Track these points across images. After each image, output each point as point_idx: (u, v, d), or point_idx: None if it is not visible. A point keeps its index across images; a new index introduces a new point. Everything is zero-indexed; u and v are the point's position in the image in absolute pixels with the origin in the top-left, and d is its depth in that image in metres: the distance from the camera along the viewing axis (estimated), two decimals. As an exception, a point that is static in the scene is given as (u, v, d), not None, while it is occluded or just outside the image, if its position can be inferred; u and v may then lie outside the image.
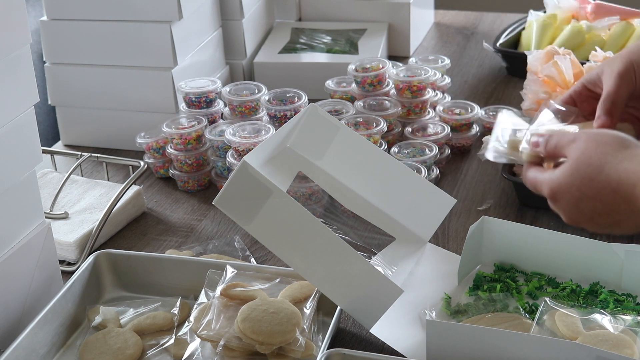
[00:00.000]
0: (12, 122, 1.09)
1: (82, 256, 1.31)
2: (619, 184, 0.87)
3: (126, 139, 1.60)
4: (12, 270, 1.12)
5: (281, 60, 1.82)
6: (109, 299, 1.21)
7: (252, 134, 1.42)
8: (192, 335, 1.10)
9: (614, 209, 0.88)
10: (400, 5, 1.96)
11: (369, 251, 1.26)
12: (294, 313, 1.08)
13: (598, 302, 1.13)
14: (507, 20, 2.11)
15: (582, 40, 1.80)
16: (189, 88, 1.55)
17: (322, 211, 1.37)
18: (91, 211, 1.38)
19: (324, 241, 1.05)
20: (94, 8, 1.55)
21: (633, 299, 1.13)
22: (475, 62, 1.95)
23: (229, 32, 1.78)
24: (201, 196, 1.49)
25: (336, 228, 1.32)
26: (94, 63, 1.59)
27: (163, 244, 1.36)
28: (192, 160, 1.48)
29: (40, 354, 1.08)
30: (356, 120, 1.46)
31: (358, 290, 1.06)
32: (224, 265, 1.16)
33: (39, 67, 1.53)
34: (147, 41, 1.55)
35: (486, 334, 1.01)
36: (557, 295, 1.14)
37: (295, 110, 1.49)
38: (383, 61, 1.59)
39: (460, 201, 1.36)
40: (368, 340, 1.13)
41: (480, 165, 1.52)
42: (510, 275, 1.19)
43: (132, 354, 1.09)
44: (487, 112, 1.59)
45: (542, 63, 1.52)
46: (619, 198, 0.87)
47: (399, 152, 1.43)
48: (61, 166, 1.55)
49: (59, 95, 1.64)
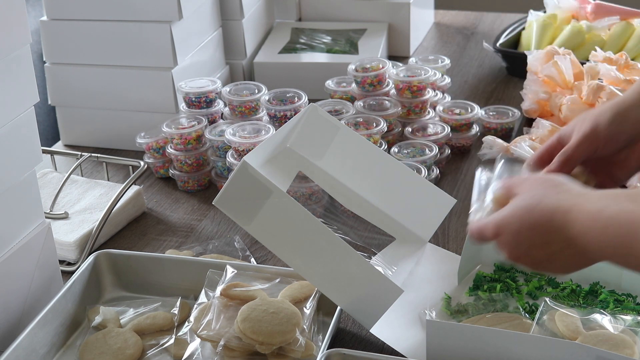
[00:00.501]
0: (12, 122, 1.09)
1: (82, 256, 1.31)
2: (554, 211, 0.89)
3: (126, 139, 1.60)
4: (12, 270, 1.12)
5: (281, 60, 1.82)
6: (109, 299, 1.21)
7: (252, 134, 1.42)
8: (192, 335, 1.10)
9: (549, 239, 0.90)
10: (400, 5, 1.96)
11: (369, 251, 1.26)
12: (294, 313, 1.08)
13: (598, 302, 1.13)
14: (507, 20, 2.11)
15: (582, 40, 1.80)
16: (189, 88, 1.55)
17: (322, 211, 1.37)
18: (91, 211, 1.38)
19: (324, 241, 1.05)
20: (94, 8, 1.55)
21: (633, 299, 1.13)
22: (475, 62, 1.95)
23: (229, 32, 1.78)
24: (201, 196, 1.49)
25: (336, 228, 1.32)
26: (94, 63, 1.59)
27: (163, 244, 1.36)
28: (192, 160, 1.48)
29: (40, 354, 1.08)
30: (356, 120, 1.46)
31: (358, 290, 1.06)
32: (224, 265, 1.16)
33: (39, 67, 1.53)
34: (147, 41, 1.55)
35: (486, 334, 1.01)
36: (557, 295, 1.14)
37: (295, 110, 1.49)
38: (383, 61, 1.59)
39: (460, 201, 1.36)
40: (368, 340, 1.13)
41: (480, 166, 1.52)
42: (510, 275, 1.19)
43: (132, 354, 1.09)
44: (487, 112, 1.59)
45: (542, 63, 1.52)
46: (554, 225, 0.89)
47: (399, 152, 1.43)
48: (61, 166, 1.55)
49: (59, 95, 1.64)
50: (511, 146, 1.36)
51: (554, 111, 1.48)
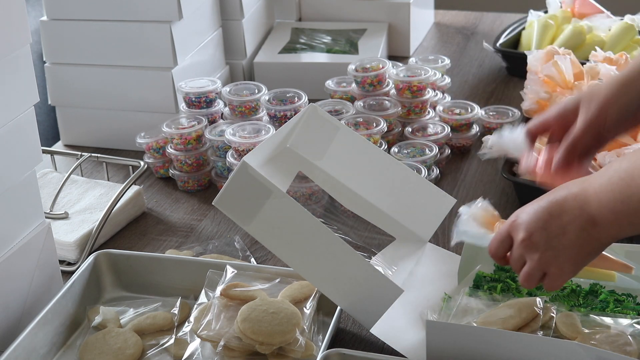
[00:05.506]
0: (12, 122, 1.09)
1: (82, 256, 1.31)
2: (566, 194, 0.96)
3: (126, 139, 1.60)
4: (12, 270, 1.12)
5: (281, 60, 1.82)
6: (109, 299, 1.21)
7: (252, 134, 1.42)
8: (192, 335, 1.10)
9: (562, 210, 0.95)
10: (400, 5, 1.96)
11: (369, 251, 1.26)
12: (294, 313, 1.08)
13: (598, 302, 1.13)
14: (507, 20, 2.11)
15: (582, 40, 1.80)
16: (189, 88, 1.55)
17: (322, 211, 1.37)
18: (91, 211, 1.38)
19: (324, 241, 1.05)
20: (94, 8, 1.55)
21: (633, 299, 1.13)
22: (475, 62, 1.95)
23: (229, 32, 1.78)
24: (201, 196, 1.49)
25: (336, 228, 1.32)
26: (94, 63, 1.59)
27: (163, 244, 1.36)
28: (192, 160, 1.48)
29: (40, 354, 1.08)
30: (356, 120, 1.46)
31: (358, 290, 1.06)
32: (224, 265, 1.16)
33: (39, 67, 1.53)
34: (147, 41, 1.55)
35: (486, 334, 1.01)
36: (557, 295, 1.14)
37: (295, 110, 1.49)
38: (383, 61, 1.59)
39: (460, 201, 1.36)
40: (368, 340, 1.13)
41: (480, 165, 1.52)
42: (510, 275, 1.19)
43: (132, 354, 1.09)
44: (487, 112, 1.59)
45: (542, 63, 1.52)
46: (567, 199, 0.95)
47: (399, 152, 1.43)
48: (61, 166, 1.55)
49: (59, 95, 1.64)
50: None
51: (554, 111, 1.48)
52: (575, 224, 0.93)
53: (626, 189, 0.89)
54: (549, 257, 0.96)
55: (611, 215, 0.91)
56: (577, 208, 0.93)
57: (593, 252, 0.96)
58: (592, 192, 0.92)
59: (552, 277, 0.98)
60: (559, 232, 0.94)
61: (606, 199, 0.91)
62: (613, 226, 0.92)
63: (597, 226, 0.92)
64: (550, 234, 0.95)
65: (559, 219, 0.94)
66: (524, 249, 0.98)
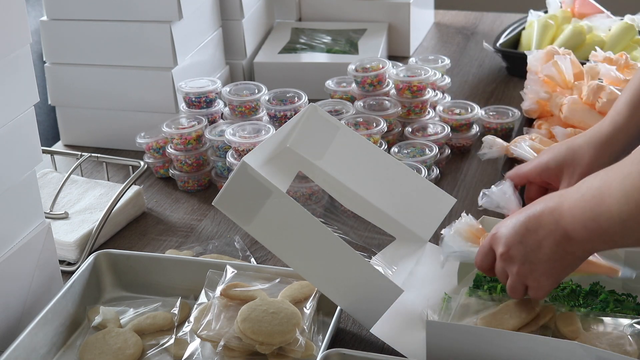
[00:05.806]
0: (12, 122, 1.09)
1: (82, 256, 1.31)
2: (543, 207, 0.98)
3: (126, 139, 1.60)
4: (12, 270, 1.12)
5: (281, 60, 1.82)
6: (109, 299, 1.21)
7: (252, 134, 1.42)
8: (192, 335, 1.10)
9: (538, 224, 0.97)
10: (400, 5, 1.96)
11: (369, 251, 1.26)
12: (294, 313, 1.08)
13: (598, 302, 1.13)
14: (507, 20, 2.11)
15: (582, 40, 1.80)
16: (189, 88, 1.55)
17: (322, 211, 1.37)
18: (91, 211, 1.38)
19: (324, 241, 1.05)
20: (94, 8, 1.55)
21: (633, 299, 1.13)
22: (475, 62, 1.95)
23: (229, 32, 1.78)
24: (201, 196, 1.49)
25: (336, 228, 1.32)
26: (94, 63, 1.59)
27: (163, 244, 1.36)
28: (192, 160, 1.48)
29: (40, 354, 1.08)
30: (356, 120, 1.46)
31: (358, 290, 1.06)
32: (224, 265, 1.16)
33: (39, 67, 1.53)
34: (147, 41, 1.55)
35: (486, 334, 1.01)
36: (557, 295, 1.14)
37: (295, 110, 1.49)
38: (383, 61, 1.59)
39: (460, 201, 1.36)
40: (368, 340, 1.13)
41: (480, 165, 1.52)
42: (510, 275, 1.19)
43: (132, 354, 1.09)
44: (487, 112, 1.59)
45: (542, 63, 1.52)
46: (544, 213, 0.97)
47: (399, 152, 1.43)
48: (61, 166, 1.55)
49: (59, 95, 1.64)
50: (511, 146, 1.36)
51: (554, 111, 1.48)
52: (550, 238, 0.95)
53: (596, 207, 0.91)
54: (526, 270, 0.99)
55: (584, 231, 0.92)
56: (552, 223, 0.95)
57: (569, 266, 0.98)
58: (566, 207, 0.94)
59: (532, 289, 1.01)
60: (535, 246, 0.97)
61: (579, 214, 0.92)
62: (587, 242, 0.94)
63: (572, 241, 0.94)
64: (527, 248, 0.98)
65: (536, 234, 0.96)
66: (503, 262, 1.01)
